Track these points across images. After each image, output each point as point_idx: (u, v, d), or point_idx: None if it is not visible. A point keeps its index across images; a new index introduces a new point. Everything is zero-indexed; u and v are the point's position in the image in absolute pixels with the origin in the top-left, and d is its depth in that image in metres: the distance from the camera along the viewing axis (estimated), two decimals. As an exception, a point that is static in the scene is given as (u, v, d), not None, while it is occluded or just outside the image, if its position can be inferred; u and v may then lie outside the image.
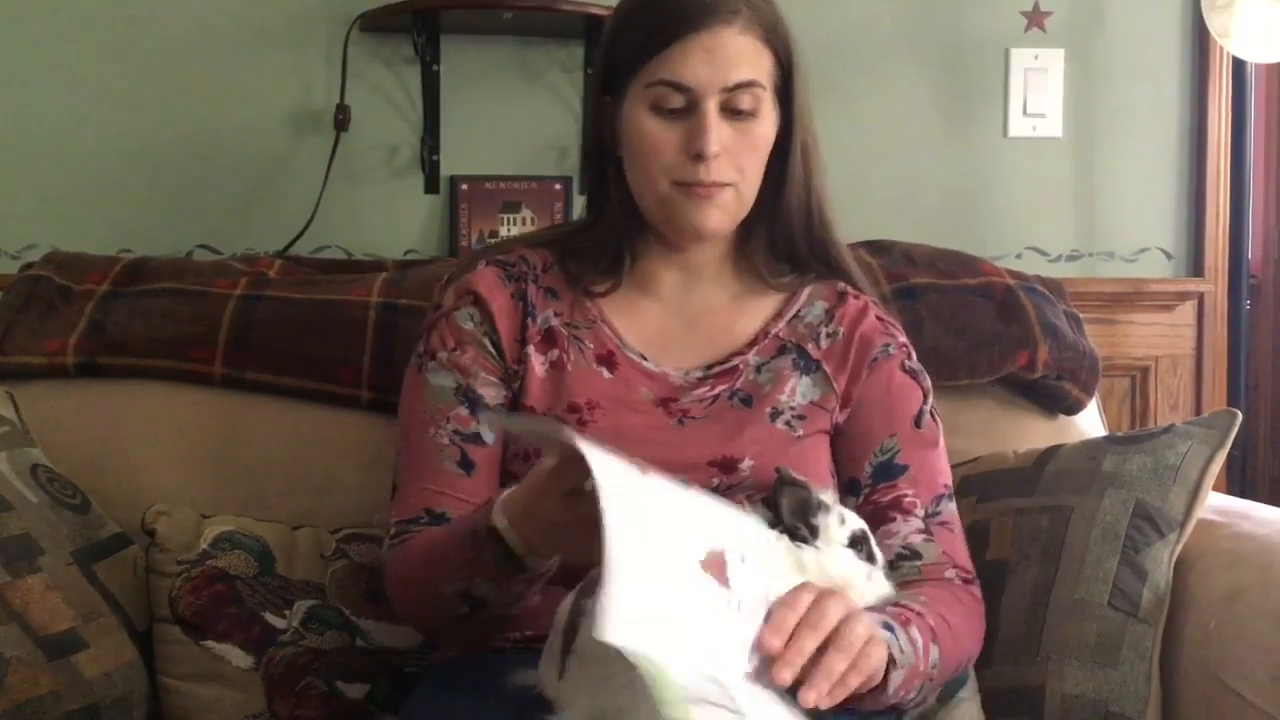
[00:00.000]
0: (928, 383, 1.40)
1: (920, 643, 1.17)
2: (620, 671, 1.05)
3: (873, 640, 1.06)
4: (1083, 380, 1.78)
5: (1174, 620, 1.45)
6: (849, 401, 1.37)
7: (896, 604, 1.22)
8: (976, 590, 1.35)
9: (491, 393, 1.34)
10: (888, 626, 1.14)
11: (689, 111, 1.29)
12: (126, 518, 1.56)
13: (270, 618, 1.49)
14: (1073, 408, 1.80)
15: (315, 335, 1.70)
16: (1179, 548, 1.46)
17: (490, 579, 1.17)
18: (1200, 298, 2.33)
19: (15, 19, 2.06)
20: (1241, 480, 2.32)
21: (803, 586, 1.07)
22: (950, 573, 1.32)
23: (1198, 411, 2.31)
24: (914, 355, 1.41)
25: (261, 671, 1.47)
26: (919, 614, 1.21)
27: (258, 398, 1.69)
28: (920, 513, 1.33)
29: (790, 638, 1.02)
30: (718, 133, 1.28)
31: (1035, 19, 2.29)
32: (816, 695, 1.02)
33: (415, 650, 1.49)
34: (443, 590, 1.21)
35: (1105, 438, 1.67)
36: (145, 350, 1.68)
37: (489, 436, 1.33)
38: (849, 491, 1.35)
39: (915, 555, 1.31)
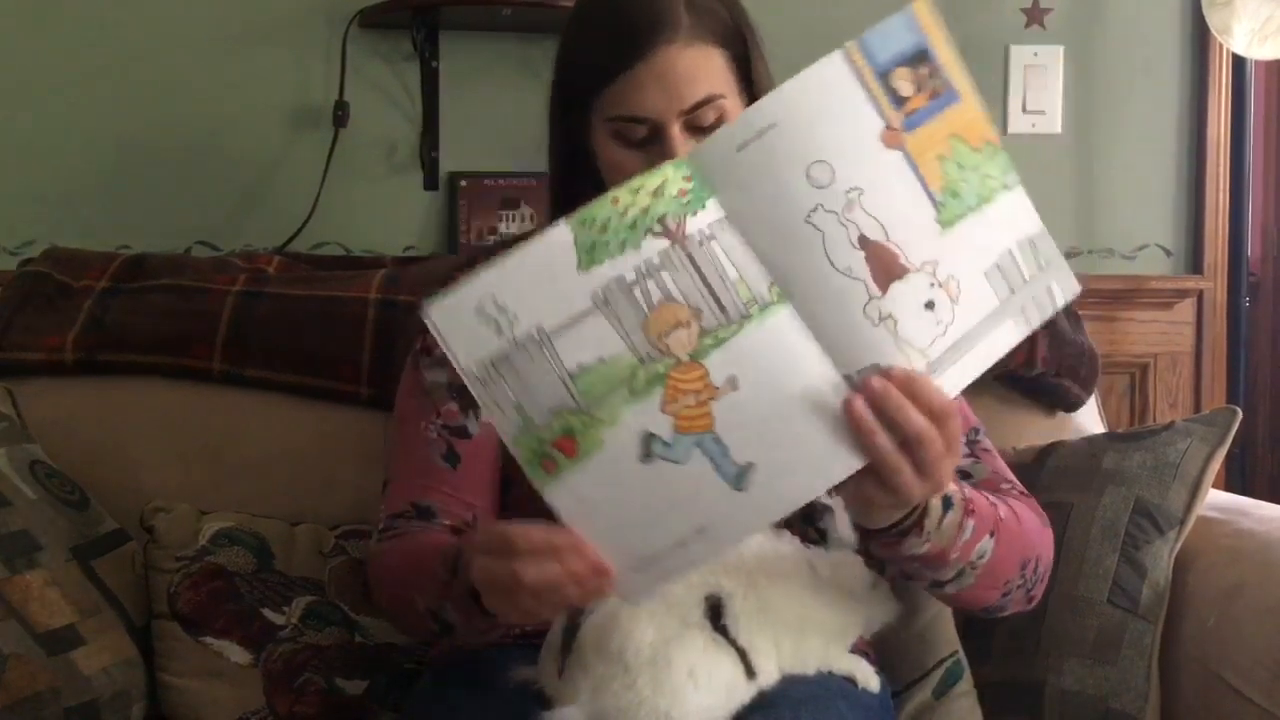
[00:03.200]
0: None
1: (969, 533, 1.12)
2: (620, 673, 1.05)
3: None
4: (1082, 377, 1.78)
5: (1174, 617, 1.45)
6: None
7: (977, 488, 1.18)
8: (1036, 503, 1.30)
9: None
10: (947, 502, 1.10)
11: (653, 138, 1.26)
12: (125, 514, 1.56)
13: (269, 614, 1.49)
14: (1072, 405, 1.79)
15: (314, 332, 1.69)
16: (1179, 545, 1.46)
17: (458, 610, 1.16)
18: (1200, 295, 2.33)
19: (13, 15, 2.05)
20: (1241, 477, 2.32)
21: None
22: (1005, 485, 1.29)
23: (1197, 409, 2.31)
24: None
25: (260, 668, 1.47)
26: (992, 504, 1.16)
27: (256, 394, 1.69)
28: (963, 438, 1.29)
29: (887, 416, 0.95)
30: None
31: (1035, 16, 2.28)
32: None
33: (415, 647, 1.49)
34: (417, 604, 1.22)
35: (1105, 435, 1.67)
36: (144, 347, 1.68)
37: (474, 429, 1.33)
38: None
39: (966, 475, 1.29)
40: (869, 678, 1.23)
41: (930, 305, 0.96)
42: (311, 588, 1.52)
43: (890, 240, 0.94)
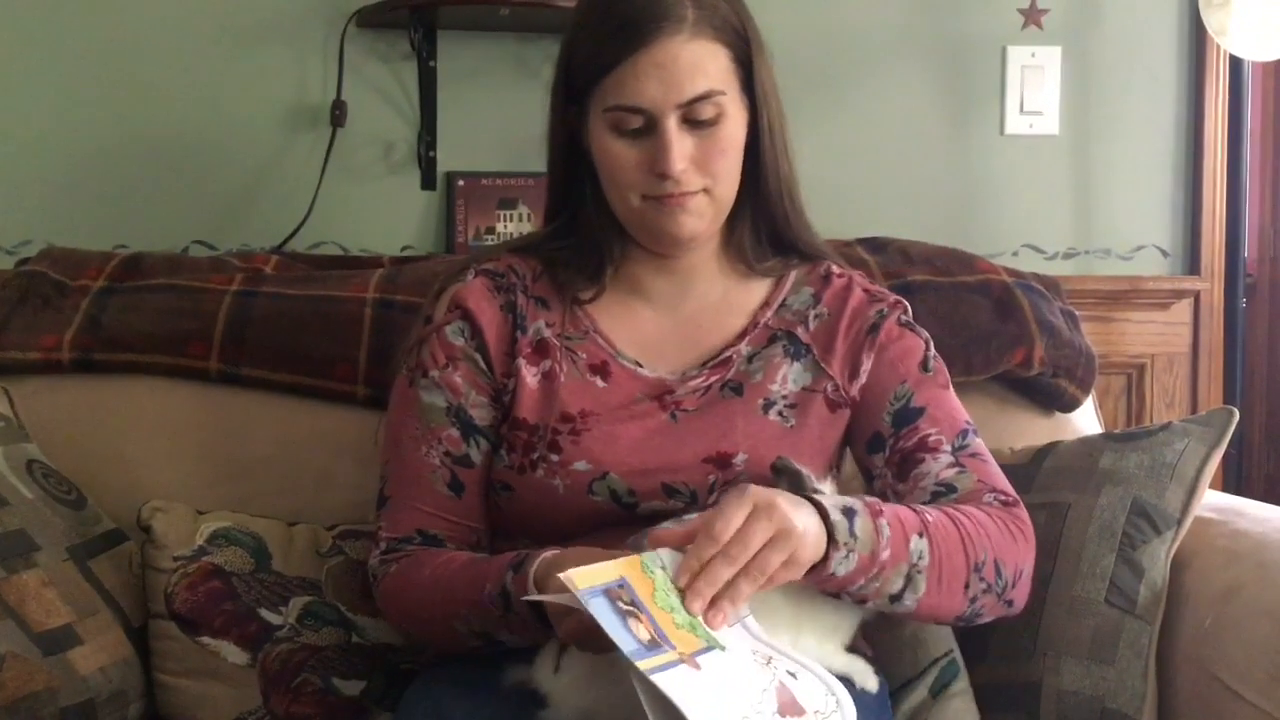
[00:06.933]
0: (925, 333, 1.39)
1: (887, 533, 1.14)
2: (613, 668, 1.05)
3: (796, 540, 1.08)
4: (1079, 378, 1.78)
5: (1171, 617, 1.45)
6: (857, 373, 1.36)
7: (959, 503, 1.24)
8: (1020, 512, 1.29)
9: (481, 413, 1.34)
10: (849, 511, 1.13)
11: (649, 129, 1.26)
12: (122, 514, 1.56)
13: (266, 614, 1.49)
14: (1069, 405, 1.80)
15: (311, 331, 1.69)
16: (1176, 545, 1.47)
17: (519, 635, 1.18)
18: (1196, 296, 2.33)
19: (8, 14, 2.05)
20: (1238, 478, 2.32)
21: (737, 503, 1.09)
22: (989, 497, 1.28)
23: (1194, 409, 2.31)
24: (910, 310, 1.41)
25: (257, 668, 1.47)
26: (916, 510, 1.19)
27: (254, 394, 1.68)
28: (948, 448, 1.31)
29: (705, 568, 1.06)
30: (680, 148, 1.26)
31: (1032, 17, 2.28)
32: (721, 619, 1.05)
33: (411, 647, 1.49)
34: (456, 627, 1.24)
35: (1102, 435, 1.68)
36: (141, 346, 1.68)
37: (476, 457, 1.34)
38: (873, 449, 1.34)
39: (950, 489, 1.28)
40: (866, 677, 1.23)
41: None
42: (309, 587, 1.51)
43: None
